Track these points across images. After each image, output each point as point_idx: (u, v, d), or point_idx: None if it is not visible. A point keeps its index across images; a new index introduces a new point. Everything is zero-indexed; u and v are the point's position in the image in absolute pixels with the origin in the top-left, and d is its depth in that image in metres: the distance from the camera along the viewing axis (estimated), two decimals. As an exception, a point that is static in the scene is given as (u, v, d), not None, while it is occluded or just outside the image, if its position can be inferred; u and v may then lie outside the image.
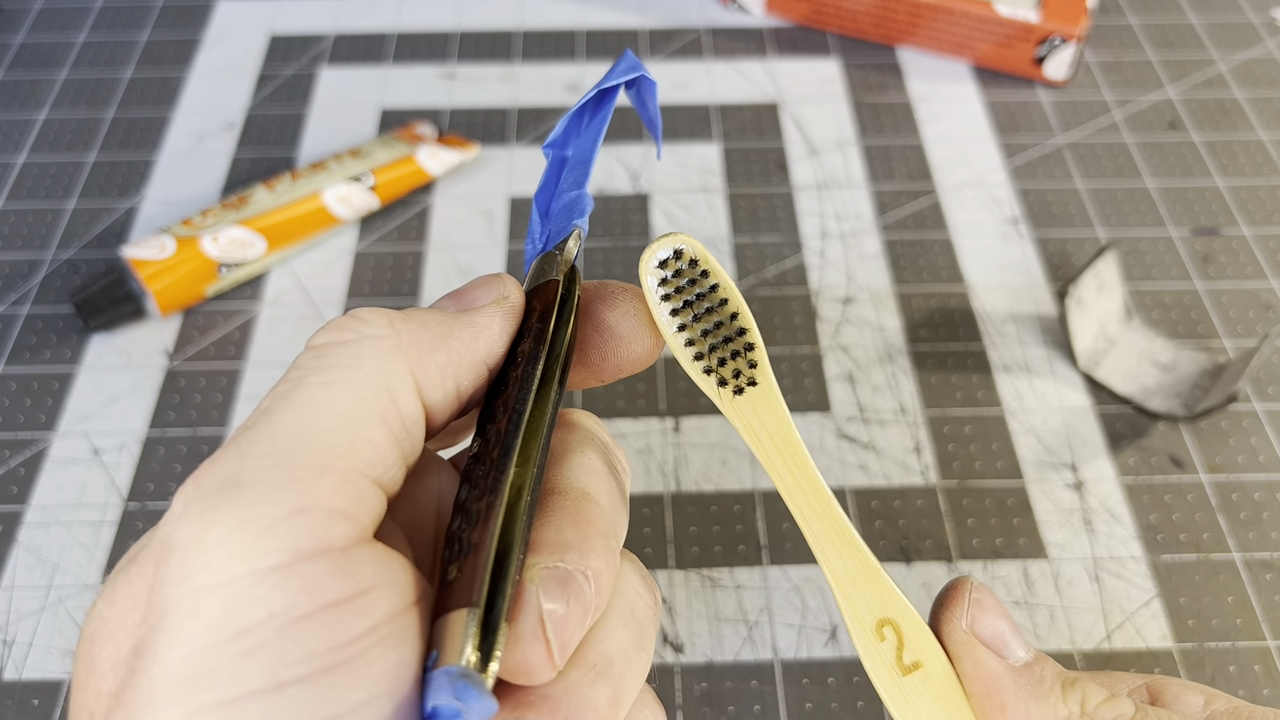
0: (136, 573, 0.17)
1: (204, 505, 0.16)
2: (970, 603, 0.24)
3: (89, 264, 0.46)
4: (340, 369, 0.18)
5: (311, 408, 0.17)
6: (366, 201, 0.47)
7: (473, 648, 0.17)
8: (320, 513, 0.16)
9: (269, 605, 0.15)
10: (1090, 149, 0.51)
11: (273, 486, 0.16)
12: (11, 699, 0.34)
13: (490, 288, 0.21)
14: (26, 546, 0.37)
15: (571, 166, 0.23)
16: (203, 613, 0.15)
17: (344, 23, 0.57)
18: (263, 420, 0.17)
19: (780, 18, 0.57)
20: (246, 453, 0.16)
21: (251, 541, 0.15)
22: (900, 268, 0.46)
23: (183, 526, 0.16)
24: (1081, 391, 0.41)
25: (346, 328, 0.18)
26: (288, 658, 0.15)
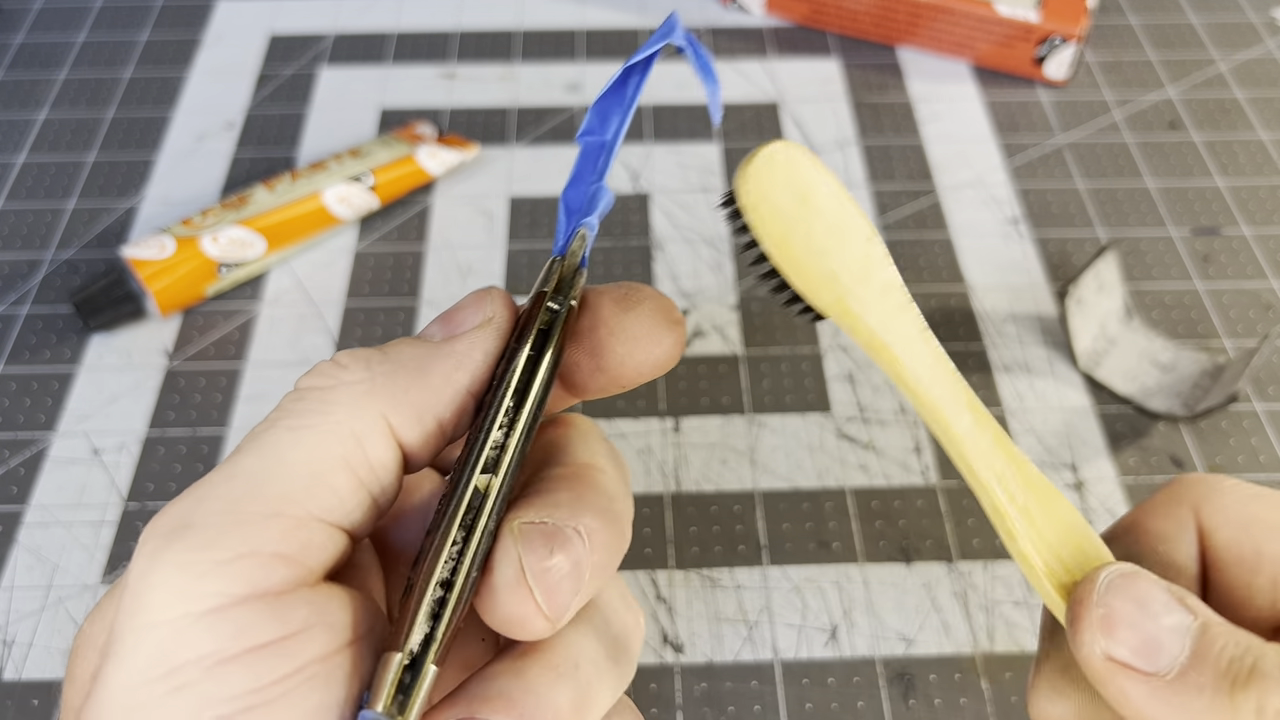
0: (109, 599, 0.18)
1: (155, 545, 0.17)
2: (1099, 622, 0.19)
3: (89, 264, 0.46)
4: (311, 415, 0.18)
5: (274, 453, 0.18)
6: (366, 201, 0.47)
7: (392, 692, 0.17)
8: (260, 558, 0.17)
9: (198, 648, 0.16)
10: (1090, 149, 0.51)
11: (217, 531, 0.17)
12: (11, 699, 0.34)
13: (477, 308, 0.21)
14: (26, 546, 0.37)
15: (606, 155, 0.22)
16: (141, 649, 0.16)
17: (344, 23, 0.57)
18: (229, 463, 0.18)
19: (780, 17, 0.57)
20: (204, 495, 0.17)
21: (189, 584, 0.16)
22: (900, 267, 0.45)
23: (138, 563, 0.17)
24: (1082, 391, 0.41)
25: (325, 373, 0.19)
26: (211, 697, 0.16)
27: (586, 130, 0.22)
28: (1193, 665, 0.18)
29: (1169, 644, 0.19)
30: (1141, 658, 0.19)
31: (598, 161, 0.22)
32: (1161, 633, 0.19)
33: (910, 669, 0.34)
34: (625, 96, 0.22)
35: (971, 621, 0.35)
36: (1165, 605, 0.19)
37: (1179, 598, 0.19)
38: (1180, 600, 0.19)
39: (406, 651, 0.18)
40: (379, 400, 0.19)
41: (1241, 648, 0.18)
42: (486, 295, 0.21)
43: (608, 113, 0.22)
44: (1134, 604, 0.19)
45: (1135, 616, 0.19)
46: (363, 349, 0.20)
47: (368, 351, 0.19)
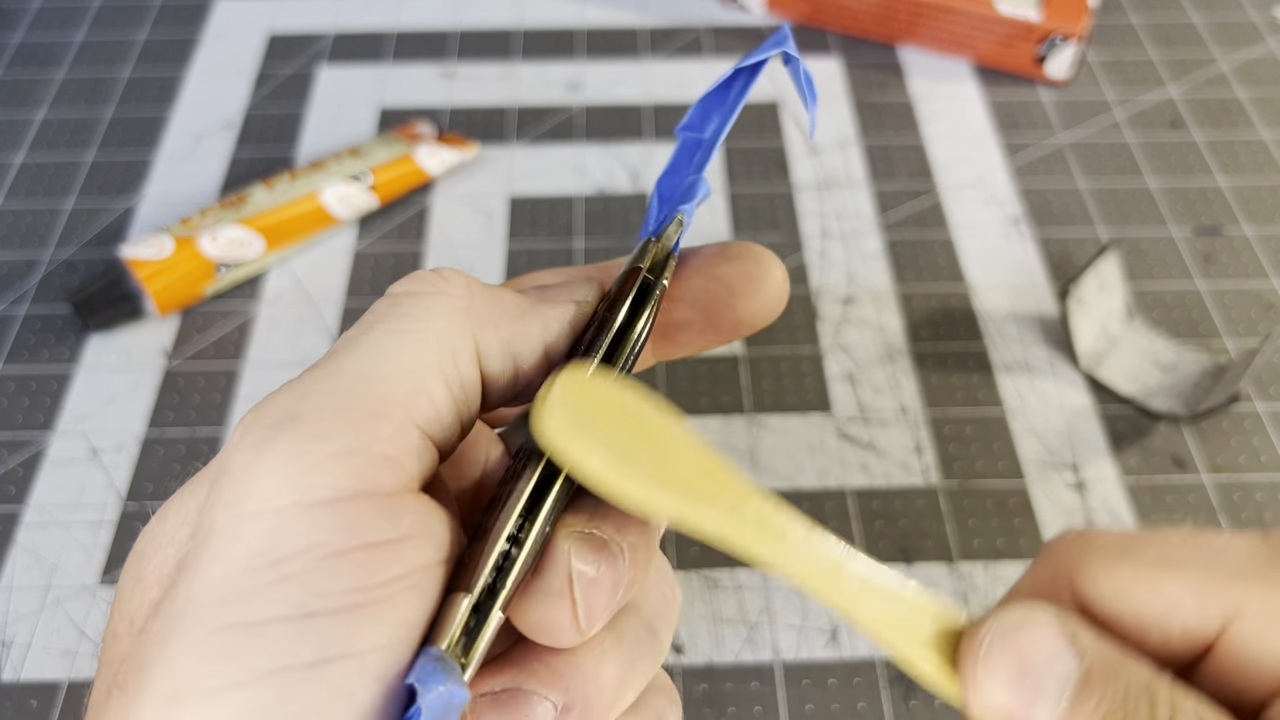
0: (189, 493, 0.17)
1: (260, 435, 0.16)
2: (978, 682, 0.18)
3: (87, 264, 0.46)
4: (410, 319, 0.18)
5: (376, 353, 0.17)
6: (365, 201, 0.47)
7: (458, 634, 0.17)
8: (370, 456, 0.17)
9: (309, 538, 0.16)
10: (1092, 148, 0.50)
11: (328, 425, 0.16)
12: (10, 700, 0.34)
13: (571, 288, 0.21)
14: (25, 547, 0.37)
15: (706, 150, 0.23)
16: (245, 536, 0.16)
17: (343, 22, 0.57)
18: (328, 360, 0.17)
19: (781, 16, 0.57)
20: (308, 390, 0.17)
21: (301, 475, 0.16)
22: (901, 267, 0.45)
23: (239, 453, 0.16)
24: (1083, 391, 0.41)
25: (425, 280, 0.19)
26: (319, 590, 0.16)
27: (687, 125, 0.23)
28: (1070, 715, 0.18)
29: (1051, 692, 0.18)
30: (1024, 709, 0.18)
31: (693, 156, 0.22)
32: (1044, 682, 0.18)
33: (911, 670, 0.34)
34: (729, 97, 0.22)
35: (972, 622, 0.35)
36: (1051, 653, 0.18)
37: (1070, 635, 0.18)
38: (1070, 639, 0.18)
39: (476, 594, 0.17)
40: (474, 321, 0.19)
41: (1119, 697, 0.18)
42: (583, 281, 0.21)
43: (709, 111, 0.23)
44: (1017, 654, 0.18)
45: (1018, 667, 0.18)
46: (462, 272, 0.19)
47: (467, 275, 0.19)
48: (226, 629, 0.15)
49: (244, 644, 0.15)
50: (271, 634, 0.15)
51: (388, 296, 0.19)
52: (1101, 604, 0.19)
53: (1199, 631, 0.18)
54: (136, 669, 0.16)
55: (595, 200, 0.48)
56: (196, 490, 0.17)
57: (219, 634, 0.15)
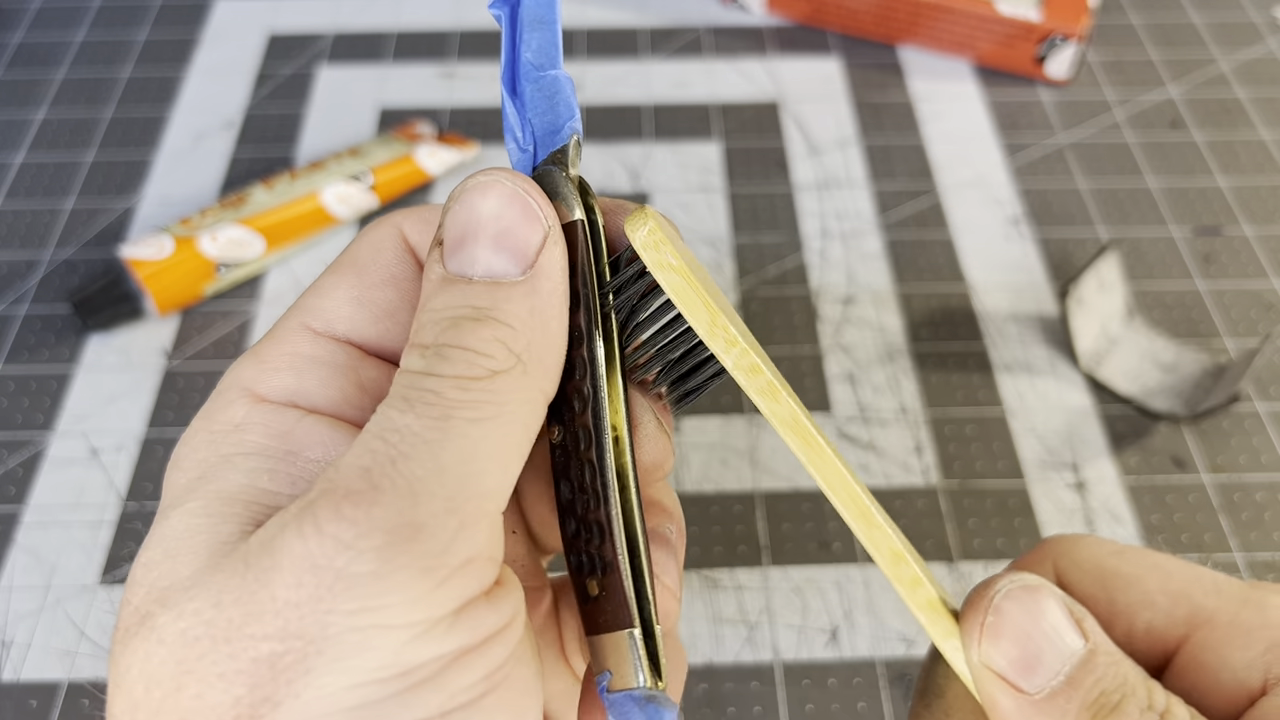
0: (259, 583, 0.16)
1: (382, 541, 0.16)
2: (984, 628, 0.19)
3: (87, 264, 0.46)
4: (487, 408, 0.17)
5: (468, 448, 0.17)
6: (365, 201, 0.47)
7: (648, 669, 0.19)
8: (481, 561, 0.17)
9: (440, 648, 0.16)
10: (1092, 148, 0.50)
11: (450, 536, 0.16)
12: (9, 700, 0.34)
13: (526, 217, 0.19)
14: (24, 547, 0.37)
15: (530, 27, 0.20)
16: (373, 649, 0.16)
17: (343, 22, 0.57)
18: (423, 453, 0.17)
19: (781, 16, 0.57)
20: (417, 491, 0.16)
21: (433, 591, 0.16)
22: (901, 267, 0.45)
23: (359, 560, 0.16)
24: (1083, 392, 0.41)
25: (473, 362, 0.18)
26: (450, 690, 0.16)
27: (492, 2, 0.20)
28: (1064, 691, 0.18)
29: (1049, 664, 0.18)
30: (1018, 672, 0.19)
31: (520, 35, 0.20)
32: (1045, 651, 0.18)
33: (911, 670, 0.34)
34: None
35: (972, 622, 0.35)
36: (1057, 626, 0.19)
37: (1078, 619, 0.19)
38: (1078, 622, 0.19)
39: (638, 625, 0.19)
40: (533, 381, 0.18)
41: (1117, 682, 0.18)
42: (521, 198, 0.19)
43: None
44: (1027, 617, 0.19)
45: (1024, 630, 0.19)
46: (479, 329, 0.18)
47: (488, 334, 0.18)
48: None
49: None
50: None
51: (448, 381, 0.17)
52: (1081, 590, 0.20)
53: (1163, 634, 0.19)
54: None
55: (595, 200, 0.48)
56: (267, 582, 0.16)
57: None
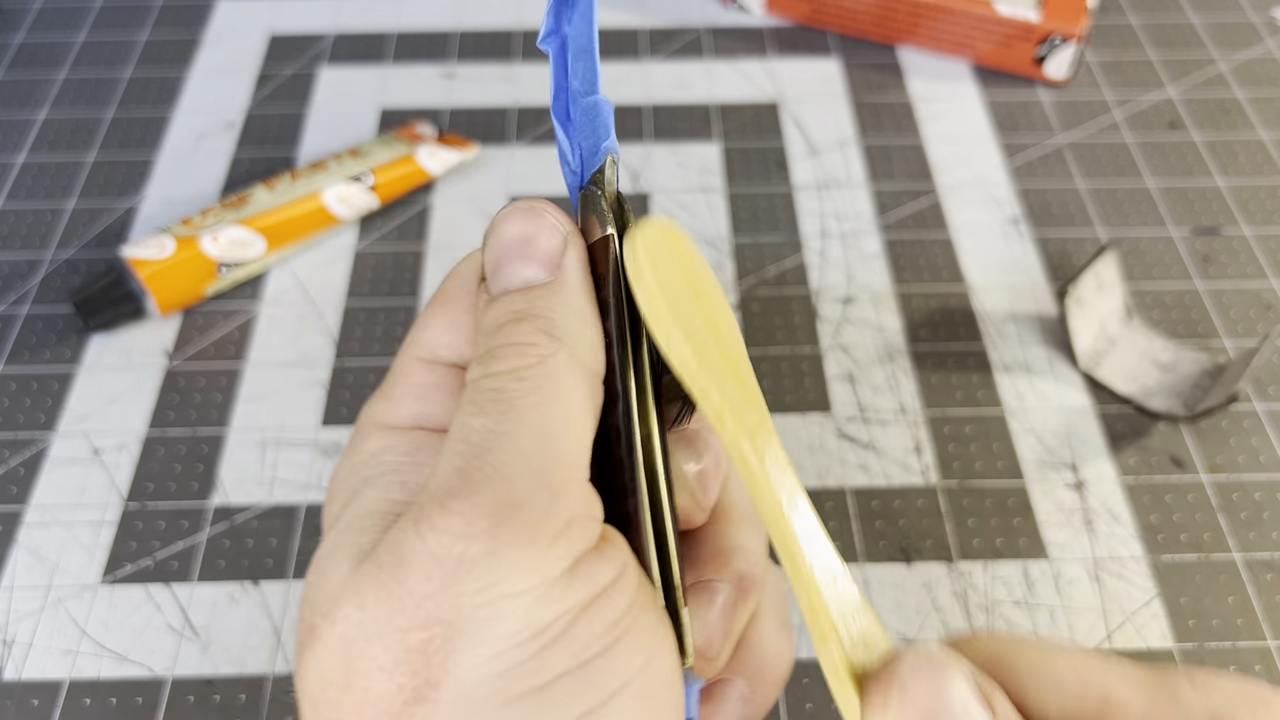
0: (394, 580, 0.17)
1: (488, 524, 0.18)
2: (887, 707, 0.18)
3: (89, 264, 0.46)
4: (544, 389, 0.19)
5: (540, 427, 0.19)
6: (366, 201, 0.47)
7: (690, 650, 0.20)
8: (581, 521, 0.19)
9: (563, 603, 0.18)
10: (1091, 149, 0.50)
11: (546, 506, 0.18)
12: (11, 699, 0.34)
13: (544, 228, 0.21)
14: (26, 546, 0.37)
15: (575, 57, 0.21)
16: (504, 618, 0.17)
17: (344, 22, 0.57)
18: (503, 443, 0.18)
19: (780, 17, 0.57)
20: (508, 475, 0.18)
21: (542, 555, 0.18)
22: (900, 267, 0.45)
23: (472, 544, 0.17)
24: (1082, 391, 0.41)
25: (524, 353, 0.20)
26: (584, 639, 0.18)
27: (545, 34, 0.21)
28: None
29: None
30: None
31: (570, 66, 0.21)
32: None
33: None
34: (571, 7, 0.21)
35: (972, 621, 0.35)
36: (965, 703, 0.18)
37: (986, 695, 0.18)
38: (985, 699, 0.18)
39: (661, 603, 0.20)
40: (580, 358, 0.20)
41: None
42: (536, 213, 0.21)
43: (559, 11, 0.21)
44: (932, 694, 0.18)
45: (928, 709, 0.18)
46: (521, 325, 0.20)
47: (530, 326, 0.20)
48: (518, 699, 0.17)
49: (540, 705, 0.17)
50: (560, 688, 0.17)
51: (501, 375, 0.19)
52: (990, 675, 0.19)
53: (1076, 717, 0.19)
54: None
55: (595, 200, 0.48)
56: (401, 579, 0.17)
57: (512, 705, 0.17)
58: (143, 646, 0.35)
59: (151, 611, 0.36)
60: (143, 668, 0.34)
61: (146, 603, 0.36)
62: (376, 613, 0.17)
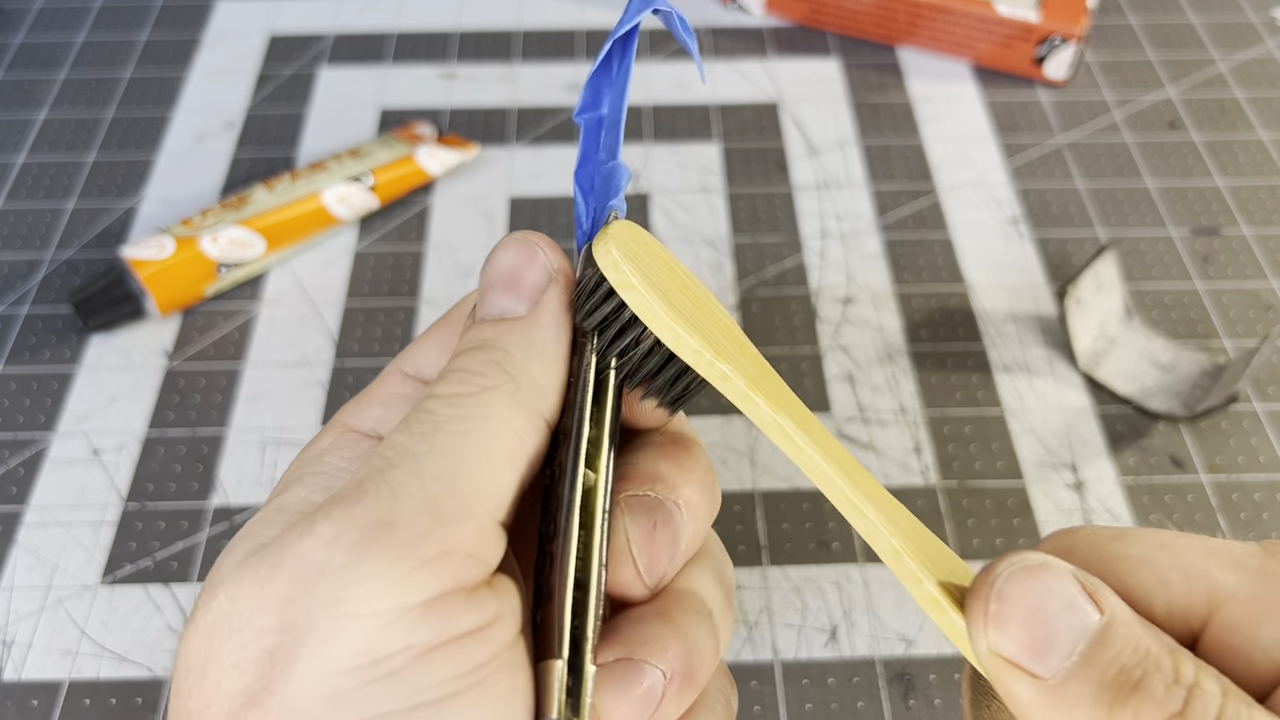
0: (267, 578, 0.17)
1: (357, 537, 0.17)
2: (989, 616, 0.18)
3: (88, 264, 0.46)
4: (473, 419, 0.19)
5: (451, 455, 0.18)
6: (366, 201, 0.47)
7: (563, 698, 0.19)
8: (459, 557, 0.18)
9: (408, 638, 0.17)
10: (1090, 149, 0.50)
11: (423, 531, 0.17)
12: (11, 699, 0.34)
13: (532, 263, 0.21)
14: (26, 547, 0.37)
15: (607, 130, 0.22)
16: (346, 638, 0.17)
17: (344, 23, 0.57)
18: (409, 462, 0.18)
19: (780, 17, 0.57)
20: (397, 493, 0.18)
21: (400, 580, 0.17)
22: (900, 268, 0.46)
23: (335, 554, 0.17)
24: (1082, 392, 0.41)
25: (468, 380, 0.20)
26: (421, 683, 0.17)
27: (583, 109, 0.22)
28: (1079, 671, 0.17)
29: (1062, 643, 0.17)
30: (1029, 657, 0.17)
31: (600, 139, 0.22)
32: (1057, 631, 0.17)
33: (910, 669, 0.34)
34: (613, 73, 0.22)
35: (971, 622, 0.35)
36: (1068, 601, 0.17)
37: (1091, 591, 0.17)
38: (1091, 594, 0.17)
39: (564, 658, 0.19)
40: (525, 397, 0.20)
41: (1138, 656, 0.17)
42: (528, 245, 0.21)
43: (599, 90, 0.22)
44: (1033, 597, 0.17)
45: (1031, 611, 0.17)
46: (478, 354, 0.20)
47: (485, 356, 0.20)
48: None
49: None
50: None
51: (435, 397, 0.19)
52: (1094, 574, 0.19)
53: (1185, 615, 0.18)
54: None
55: (595, 201, 0.48)
56: (274, 576, 0.17)
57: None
58: (143, 647, 0.35)
59: (151, 612, 0.36)
60: (142, 668, 0.34)
61: (146, 603, 0.36)
62: (244, 606, 0.17)
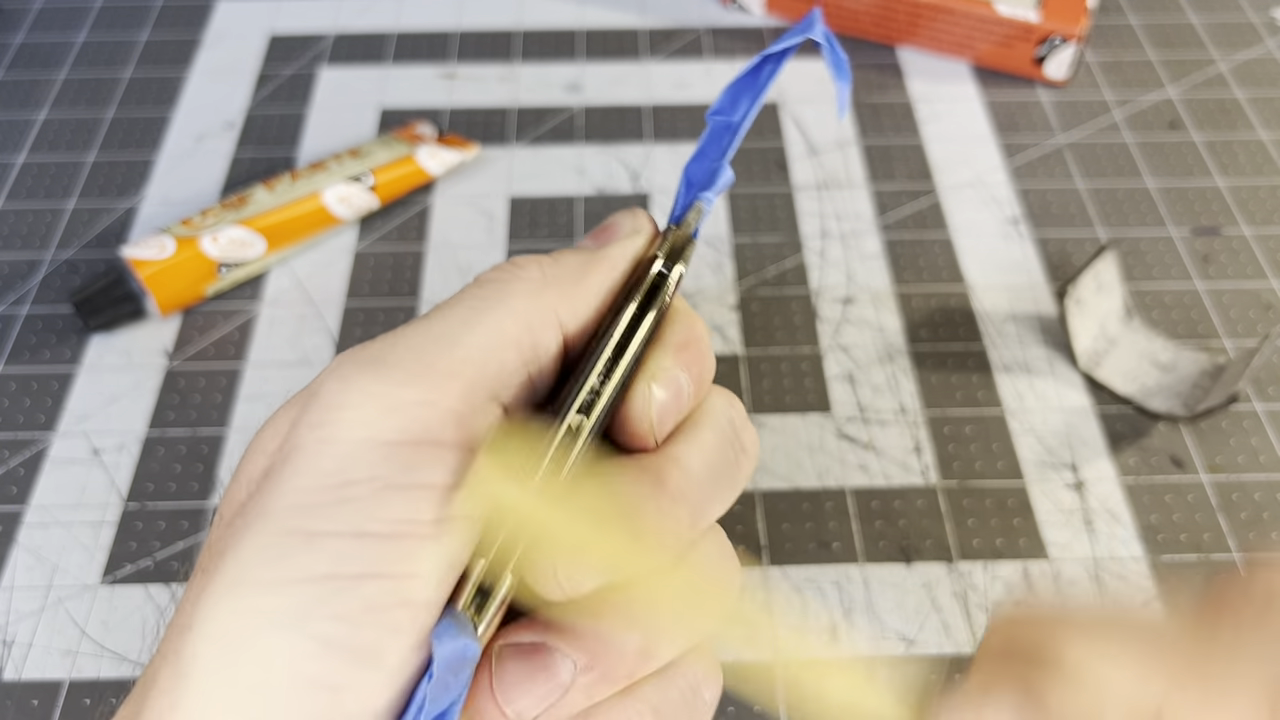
0: (287, 409, 0.20)
1: (350, 369, 0.19)
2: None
3: (89, 264, 0.46)
4: (491, 299, 0.21)
5: (459, 321, 0.20)
6: (366, 201, 0.47)
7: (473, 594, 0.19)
8: (439, 409, 0.19)
9: (374, 469, 0.18)
10: (1090, 149, 0.50)
11: (409, 374, 0.19)
12: (11, 699, 0.34)
13: (625, 221, 0.23)
14: (26, 547, 0.37)
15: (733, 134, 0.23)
16: (322, 457, 0.18)
17: (344, 23, 0.57)
18: (420, 321, 0.20)
19: (780, 18, 0.57)
20: (397, 341, 0.20)
21: (377, 414, 0.19)
22: (900, 268, 0.46)
23: (329, 381, 0.19)
24: (1082, 391, 0.41)
25: (505, 269, 0.22)
26: (373, 515, 0.18)
27: (717, 110, 0.23)
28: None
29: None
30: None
31: (722, 141, 0.23)
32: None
33: (910, 669, 0.34)
34: (758, 82, 0.23)
35: (972, 622, 0.35)
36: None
37: None
38: None
39: (490, 558, 0.19)
40: (550, 295, 0.21)
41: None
42: (632, 213, 0.24)
43: (739, 96, 0.23)
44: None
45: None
46: (535, 255, 0.22)
47: (539, 256, 0.22)
48: (290, 533, 0.18)
49: (301, 548, 0.18)
50: (326, 544, 0.18)
51: (475, 282, 0.21)
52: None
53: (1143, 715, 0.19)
54: (215, 555, 0.18)
55: (595, 200, 0.48)
56: (291, 407, 0.20)
57: (283, 536, 0.18)
58: (143, 647, 0.35)
59: (152, 612, 0.36)
60: (143, 668, 0.34)
61: (147, 603, 0.36)
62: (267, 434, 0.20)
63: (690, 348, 0.22)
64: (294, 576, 0.18)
